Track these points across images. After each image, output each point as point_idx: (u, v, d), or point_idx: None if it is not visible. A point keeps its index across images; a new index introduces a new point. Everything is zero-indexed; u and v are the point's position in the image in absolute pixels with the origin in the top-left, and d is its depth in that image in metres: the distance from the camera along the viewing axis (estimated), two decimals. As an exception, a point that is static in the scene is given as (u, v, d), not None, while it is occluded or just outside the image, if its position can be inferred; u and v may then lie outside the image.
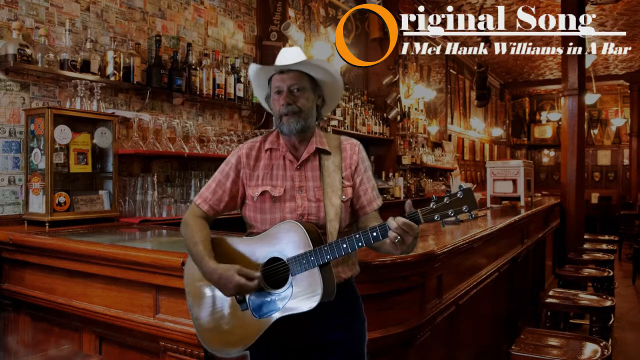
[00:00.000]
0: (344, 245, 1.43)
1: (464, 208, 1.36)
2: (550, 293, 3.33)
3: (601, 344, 2.32)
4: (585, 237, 6.23)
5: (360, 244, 1.43)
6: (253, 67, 1.64)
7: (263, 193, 1.60)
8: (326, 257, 1.44)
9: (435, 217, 1.38)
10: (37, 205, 2.75)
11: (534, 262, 4.75)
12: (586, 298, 3.23)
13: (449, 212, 1.37)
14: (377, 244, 1.49)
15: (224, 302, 1.56)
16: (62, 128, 2.75)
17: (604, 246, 5.65)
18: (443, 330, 2.44)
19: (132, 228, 2.91)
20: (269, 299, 1.50)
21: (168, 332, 1.93)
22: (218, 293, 1.55)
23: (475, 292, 2.82)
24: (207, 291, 1.59)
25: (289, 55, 1.61)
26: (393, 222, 1.38)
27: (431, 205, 1.39)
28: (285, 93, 1.57)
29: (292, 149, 1.64)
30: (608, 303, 3.05)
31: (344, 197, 1.60)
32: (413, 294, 2.08)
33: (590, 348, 2.31)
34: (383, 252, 1.60)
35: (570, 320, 4.20)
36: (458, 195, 1.37)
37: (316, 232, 1.51)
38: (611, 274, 4.08)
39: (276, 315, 1.49)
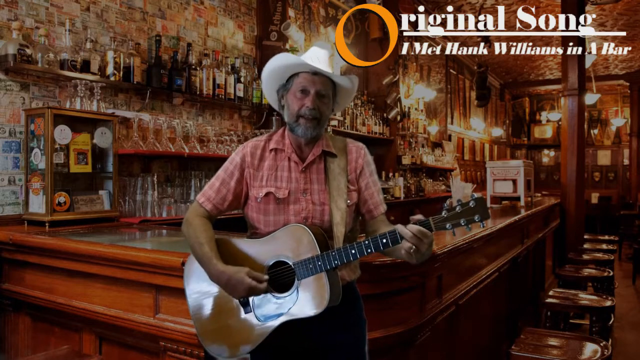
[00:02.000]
0: (353, 252, 1.42)
1: (475, 217, 1.35)
2: (550, 293, 3.32)
3: (601, 344, 2.32)
4: (585, 237, 6.23)
5: (369, 250, 1.41)
6: (288, 57, 1.57)
7: (267, 194, 1.58)
8: (334, 262, 1.42)
9: (447, 226, 1.36)
10: (37, 205, 2.75)
11: (534, 262, 4.75)
12: (586, 298, 3.23)
13: (461, 222, 1.36)
14: (388, 250, 1.47)
15: (227, 304, 1.54)
16: (62, 128, 2.75)
17: (604, 246, 5.65)
18: (443, 330, 2.44)
19: (132, 228, 2.91)
20: (273, 302, 1.49)
21: (168, 332, 1.93)
22: (221, 295, 1.54)
23: (475, 292, 2.82)
24: (210, 293, 1.57)
25: (320, 57, 1.58)
26: (407, 231, 1.36)
27: (443, 213, 1.37)
28: (313, 96, 1.54)
29: (298, 150, 1.62)
30: (608, 303, 3.05)
31: (349, 201, 1.58)
32: (413, 294, 2.08)
33: (590, 348, 2.31)
34: (394, 258, 1.59)
35: (570, 320, 4.20)
36: (470, 204, 1.35)
37: (322, 235, 1.50)
38: (611, 274, 4.08)
39: (280, 320, 1.47)
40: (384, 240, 1.40)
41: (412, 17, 6.34)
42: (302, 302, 1.45)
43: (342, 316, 1.58)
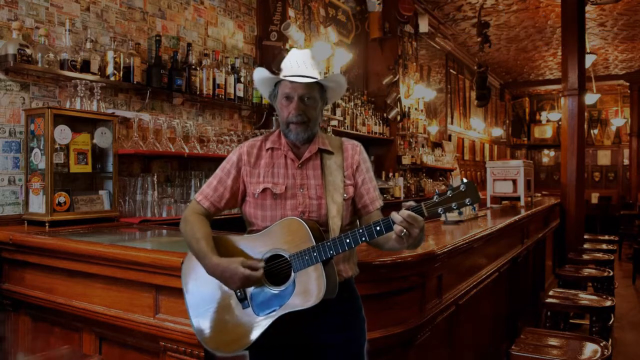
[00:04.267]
0: (347, 240, 1.43)
1: (466, 201, 1.36)
2: (550, 293, 3.32)
3: (601, 344, 2.32)
4: (585, 237, 6.23)
5: (363, 238, 1.42)
6: (260, 73, 1.61)
7: (264, 190, 1.60)
8: (329, 252, 1.43)
9: (439, 210, 1.38)
10: (37, 205, 2.75)
11: (534, 262, 4.75)
12: (586, 298, 3.23)
13: (452, 205, 1.37)
14: (381, 240, 1.49)
15: (224, 300, 1.56)
16: (62, 128, 2.75)
17: (604, 246, 5.64)
18: (443, 330, 2.44)
19: (132, 228, 2.91)
20: (270, 296, 1.50)
21: (168, 332, 1.93)
22: (218, 291, 1.55)
23: (475, 292, 2.82)
24: (207, 290, 1.58)
25: (300, 59, 1.59)
26: (397, 216, 1.37)
27: (434, 198, 1.38)
28: (297, 102, 1.57)
29: (294, 148, 1.64)
30: (608, 303, 3.05)
31: (345, 195, 1.60)
32: (413, 294, 2.08)
33: (590, 348, 2.31)
34: (387, 249, 1.59)
35: (570, 320, 4.20)
36: (461, 188, 1.36)
37: (318, 229, 1.51)
38: (611, 274, 4.08)
39: (278, 312, 1.48)
40: (378, 228, 1.41)
41: (412, 17, 6.34)
42: (299, 294, 1.46)
43: (341, 315, 1.59)
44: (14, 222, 2.79)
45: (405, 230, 1.36)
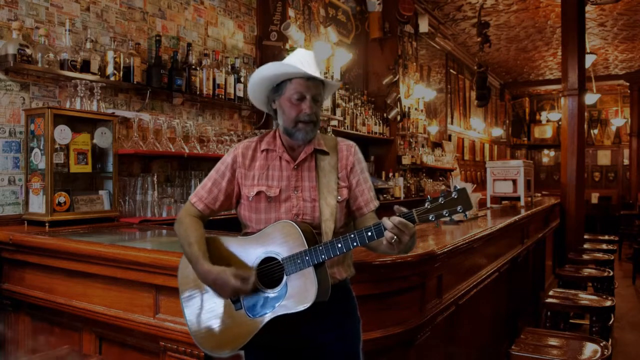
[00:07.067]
0: (339, 245, 1.43)
1: (458, 208, 1.37)
2: (550, 293, 3.32)
3: (601, 344, 2.32)
4: (585, 237, 6.23)
5: (355, 243, 1.43)
6: (283, 66, 1.55)
7: (258, 193, 1.60)
8: (321, 256, 1.44)
9: (430, 217, 1.38)
10: (37, 205, 2.75)
11: (534, 262, 4.75)
12: (586, 298, 3.23)
13: (444, 213, 1.37)
14: (373, 244, 1.49)
15: (218, 301, 1.56)
16: (62, 128, 2.75)
17: (604, 246, 5.64)
18: (443, 330, 2.44)
19: (132, 228, 2.91)
20: (263, 298, 1.50)
21: (168, 332, 1.93)
22: (212, 293, 1.55)
23: (475, 292, 2.82)
24: (201, 291, 1.59)
25: (306, 60, 1.57)
26: (388, 222, 1.38)
27: (426, 205, 1.39)
28: (310, 102, 1.56)
29: (289, 150, 1.64)
30: (608, 303, 3.05)
31: (339, 197, 1.60)
32: (413, 293, 2.08)
33: (590, 348, 2.31)
34: (380, 253, 1.60)
35: (570, 320, 4.20)
36: (452, 195, 1.37)
37: (311, 232, 1.51)
38: (611, 274, 4.08)
39: (270, 315, 1.48)
40: (369, 233, 1.42)
41: (412, 17, 6.34)
42: (291, 297, 1.47)
43: (335, 315, 1.59)
44: (14, 222, 2.79)
45: (395, 236, 1.37)
